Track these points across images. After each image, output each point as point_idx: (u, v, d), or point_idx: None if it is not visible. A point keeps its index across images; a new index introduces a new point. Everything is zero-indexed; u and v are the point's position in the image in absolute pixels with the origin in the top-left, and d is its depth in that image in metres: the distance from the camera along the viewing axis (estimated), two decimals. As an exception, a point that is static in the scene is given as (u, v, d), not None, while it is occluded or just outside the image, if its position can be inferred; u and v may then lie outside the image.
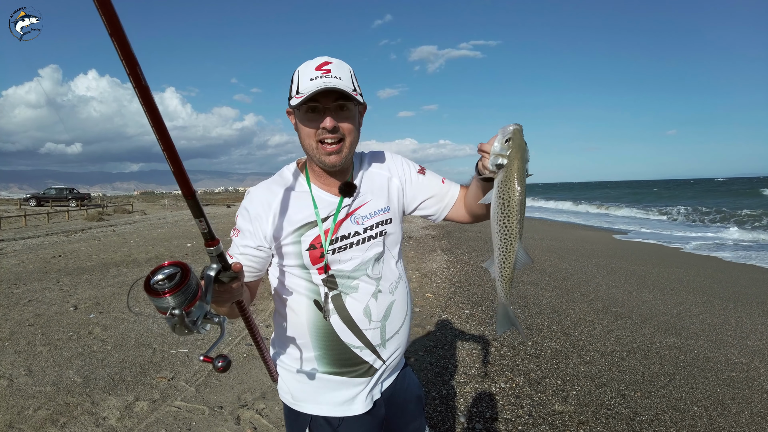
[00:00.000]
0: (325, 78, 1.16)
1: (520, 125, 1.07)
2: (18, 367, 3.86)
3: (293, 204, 1.25)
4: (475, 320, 5.00)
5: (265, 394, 3.35)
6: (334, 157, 1.20)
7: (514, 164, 1.04)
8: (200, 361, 0.94)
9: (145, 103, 0.72)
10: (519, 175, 1.04)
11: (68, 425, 2.96)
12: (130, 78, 0.69)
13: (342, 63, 1.21)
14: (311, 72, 1.18)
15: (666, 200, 32.15)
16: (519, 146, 1.04)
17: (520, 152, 1.04)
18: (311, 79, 1.17)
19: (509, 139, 1.04)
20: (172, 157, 0.79)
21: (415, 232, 13.65)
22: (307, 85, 1.16)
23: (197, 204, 0.85)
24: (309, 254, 1.23)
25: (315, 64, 1.20)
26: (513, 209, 1.06)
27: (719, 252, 10.63)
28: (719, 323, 5.08)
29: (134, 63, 0.69)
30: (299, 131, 1.24)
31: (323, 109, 1.17)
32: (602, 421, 2.98)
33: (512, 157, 1.04)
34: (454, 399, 3.26)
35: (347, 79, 1.19)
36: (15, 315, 5.42)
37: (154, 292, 0.85)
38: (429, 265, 8.15)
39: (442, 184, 1.41)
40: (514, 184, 1.05)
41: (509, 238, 1.08)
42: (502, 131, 1.07)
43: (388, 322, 1.30)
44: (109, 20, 0.65)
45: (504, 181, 1.05)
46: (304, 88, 1.16)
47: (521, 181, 1.04)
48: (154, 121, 0.74)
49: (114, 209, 31.23)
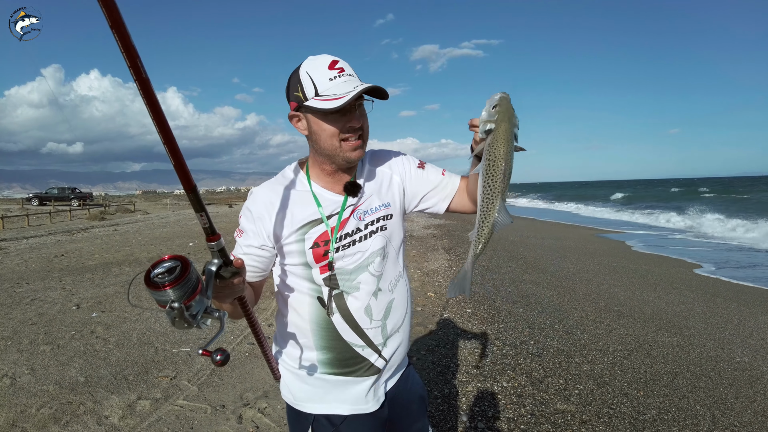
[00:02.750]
0: (344, 77, 1.15)
1: (506, 93, 1.08)
2: (21, 366, 3.87)
3: (296, 203, 1.25)
4: (477, 319, 5.00)
5: (267, 393, 3.35)
6: (359, 152, 1.22)
7: (501, 126, 1.05)
8: (199, 354, 0.94)
9: (145, 95, 0.72)
10: (506, 136, 1.05)
11: (71, 424, 2.96)
12: (130, 70, 0.69)
13: (346, 63, 1.20)
14: (326, 71, 1.16)
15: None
16: (506, 110, 1.06)
17: (507, 116, 1.05)
18: (331, 80, 1.15)
19: (496, 105, 1.06)
20: (173, 150, 0.79)
21: (417, 231, 13.64)
22: (329, 86, 1.14)
23: (198, 198, 0.85)
24: (312, 252, 1.22)
25: (324, 63, 1.17)
26: (498, 167, 1.05)
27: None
28: (722, 322, 5.07)
29: (135, 55, 0.68)
30: (318, 132, 1.20)
31: (348, 110, 1.16)
32: (605, 420, 2.98)
33: (499, 121, 1.05)
34: (456, 398, 3.26)
35: (356, 76, 1.20)
36: (18, 314, 5.44)
37: (154, 285, 0.85)
38: (431, 264, 8.14)
39: (443, 176, 1.41)
40: (499, 144, 1.05)
41: (491, 197, 1.07)
42: (490, 100, 1.08)
43: (389, 321, 1.30)
44: (110, 13, 0.64)
45: (491, 143, 1.06)
46: (328, 89, 1.14)
47: (508, 141, 1.05)
48: (155, 114, 0.74)
49: (116, 209, 31.30)
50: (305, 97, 1.17)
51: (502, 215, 1.08)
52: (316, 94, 1.15)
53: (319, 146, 1.22)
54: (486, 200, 1.08)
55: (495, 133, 1.05)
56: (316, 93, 1.15)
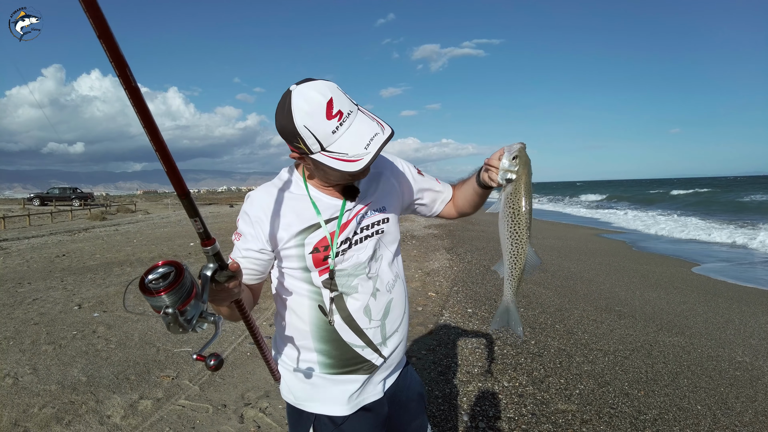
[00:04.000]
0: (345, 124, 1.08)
1: (524, 143, 1.19)
2: (23, 366, 3.88)
3: (294, 207, 1.24)
4: (478, 319, 5.00)
5: (268, 393, 3.36)
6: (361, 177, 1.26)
7: (522, 179, 1.17)
8: (193, 359, 0.95)
9: (135, 103, 0.71)
10: (527, 189, 1.18)
11: (73, 423, 2.97)
12: (120, 80, 0.68)
13: (333, 89, 1.09)
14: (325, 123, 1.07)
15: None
16: (525, 163, 1.17)
17: (527, 168, 1.17)
18: (334, 132, 1.07)
19: (516, 156, 1.17)
20: (165, 157, 0.78)
21: (418, 231, 13.64)
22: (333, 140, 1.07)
23: (192, 203, 0.85)
24: (312, 257, 1.23)
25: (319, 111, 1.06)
26: (522, 218, 1.19)
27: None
28: (723, 322, 5.07)
29: (123, 65, 0.67)
30: (325, 172, 1.17)
31: None
32: (605, 420, 2.98)
33: (520, 173, 1.17)
34: (457, 398, 3.27)
35: (354, 106, 1.12)
36: (20, 314, 5.45)
37: (148, 291, 0.86)
38: (432, 264, 8.14)
39: (438, 184, 1.51)
40: (522, 197, 1.18)
41: (519, 243, 1.21)
42: (509, 149, 1.18)
43: (388, 320, 1.31)
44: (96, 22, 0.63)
45: (513, 193, 1.18)
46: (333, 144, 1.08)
47: (528, 194, 1.18)
48: (146, 121, 0.73)
49: (117, 209, 31.32)
50: (310, 151, 1.11)
51: (531, 257, 1.23)
52: (322, 149, 1.09)
53: (324, 180, 1.23)
54: (515, 245, 1.21)
55: (517, 185, 1.18)
56: (322, 148, 1.09)
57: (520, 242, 1.20)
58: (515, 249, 1.22)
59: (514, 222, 1.20)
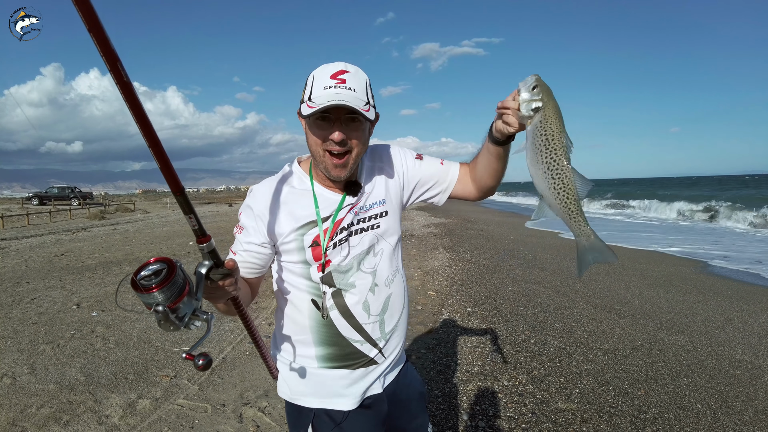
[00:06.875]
0: (338, 89, 1.14)
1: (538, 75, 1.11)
2: (21, 365, 3.87)
3: (296, 202, 1.25)
4: (478, 318, 5.00)
5: (267, 392, 3.35)
6: (340, 170, 1.21)
7: (550, 103, 1.08)
8: (182, 358, 0.94)
9: (127, 98, 0.70)
10: (558, 112, 1.08)
11: (71, 423, 2.96)
12: (111, 74, 0.67)
13: (359, 72, 1.19)
14: (326, 80, 1.16)
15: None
16: (548, 90, 1.09)
17: (551, 94, 1.09)
18: (325, 88, 1.15)
19: (535, 86, 1.08)
20: (159, 153, 0.78)
21: (417, 230, 13.64)
22: (319, 94, 1.15)
23: (187, 200, 0.85)
24: (312, 251, 1.23)
25: (331, 70, 1.17)
26: (558, 142, 1.08)
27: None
28: (722, 321, 5.07)
29: (115, 58, 0.66)
30: (308, 137, 1.23)
31: (334, 120, 1.16)
32: (605, 418, 2.97)
33: (545, 99, 1.08)
34: (456, 397, 3.26)
35: (361, 91, 1.17)
36: (18, 313, 5.44)
37: (140, 288, 0.85)
38: (431, 263, 8.14)
39: (441, 165, 1.41)
40: (554, 119, 1.08)
41: (561, 171, 1.08)
42: (524, 83, 1.10)
43: (387, 315, 1.31)
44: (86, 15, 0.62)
45: (543, 120, 1.08)
46: (317, 97, 1.15)
47: (560, 116, 1.08)
48: (138, 117, 0.72)
49: (116, 208, 31.28)
50: (302, 99, 1.19)
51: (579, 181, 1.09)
52: (309, 98, 1.16)
53: (309, 149, 1.24)
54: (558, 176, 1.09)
55: (545, 111, 1.07)
56: (310, 98, 1.16)
57: (561, 171, 1.07)
58: (559, 179, 1.08)
59: (550, 149, 1.07)
